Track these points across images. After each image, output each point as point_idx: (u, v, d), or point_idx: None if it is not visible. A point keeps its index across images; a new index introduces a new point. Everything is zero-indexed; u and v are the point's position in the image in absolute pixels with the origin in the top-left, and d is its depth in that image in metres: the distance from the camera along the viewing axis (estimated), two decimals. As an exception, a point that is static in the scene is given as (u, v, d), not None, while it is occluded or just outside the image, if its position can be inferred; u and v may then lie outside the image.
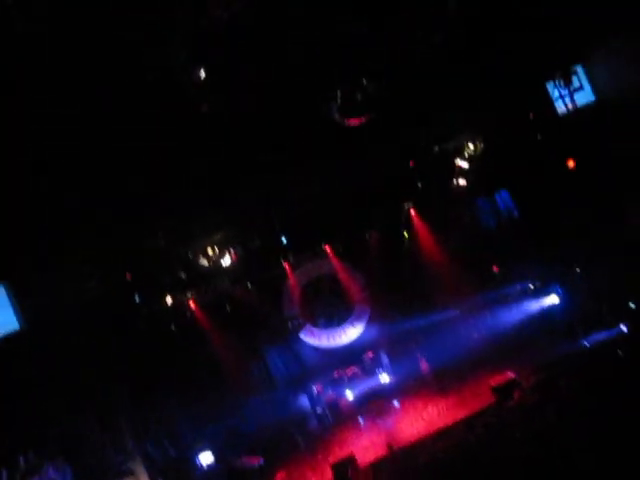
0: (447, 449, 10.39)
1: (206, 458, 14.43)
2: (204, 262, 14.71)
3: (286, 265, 17.64)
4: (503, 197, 17.88)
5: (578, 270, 15.59)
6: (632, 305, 13.38)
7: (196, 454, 14.48)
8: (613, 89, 13.97)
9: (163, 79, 9.90)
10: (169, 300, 15.21)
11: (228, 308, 16.89)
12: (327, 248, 17.82)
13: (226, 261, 14.94)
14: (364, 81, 12.12)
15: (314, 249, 17.69)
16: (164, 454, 14.43)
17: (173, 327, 15.89)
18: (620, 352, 11.85)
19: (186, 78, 10.14)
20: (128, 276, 13.64)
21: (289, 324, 17.59)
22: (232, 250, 15.13)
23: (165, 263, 14.57)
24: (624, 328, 13.11)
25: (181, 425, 15.35)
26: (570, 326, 14.73)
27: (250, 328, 17.06)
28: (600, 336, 13.57)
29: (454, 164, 16.27)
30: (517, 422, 10.29)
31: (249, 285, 17.16)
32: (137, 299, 14.17)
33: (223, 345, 16.50)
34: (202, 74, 10.31)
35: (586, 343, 13.65)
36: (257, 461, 14.15)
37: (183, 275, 15.01)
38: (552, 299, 16.15)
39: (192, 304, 16.19)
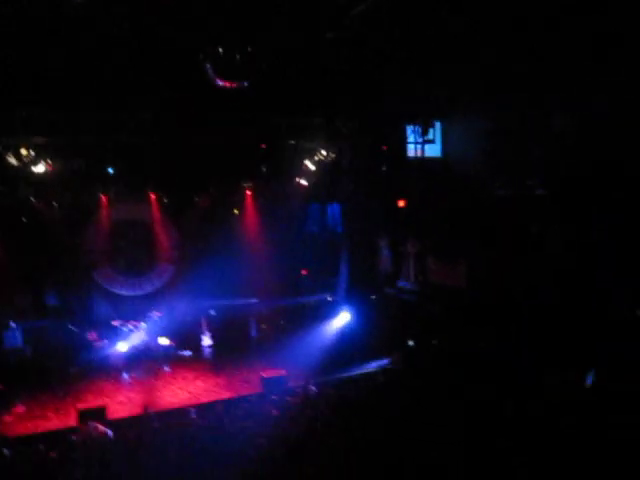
0: (199, 427, 10.29)
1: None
2: (13, 161, 13.10)
3: (103, 197, 16.53)
4: (334, 210, 18.70)
5: (374, 297, 16.83)
6: (410, 342, 14.74)
7: None
8: (455, 151, 15.43)
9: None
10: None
11: (24, 220, 15.30)
12: (151, 195, 17.07)
13: (39, 169, 13.47)
14: (250, 48, 11.82)
15: (138, 191, 16.80)
16: None
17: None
18: (381, 378, 13.00)
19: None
20: None
21: (85, 258, 16.44)
22: (50, 161, 13.71)
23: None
24: (393, 360, 14.34)
25: None
26: (350, 346, 15.90)
27: (42, 248, 15.62)
28: (372, 364, 14.77)
29: (302, 163, 16.66)
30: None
31: (55, 204, 15.75)
32: None
33: (5, 256, 14.90)
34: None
35: (359, 370, 14.62)
36: (-4, 387, 13.01)
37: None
38: (344, 316, 17.23)
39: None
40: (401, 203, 16.26)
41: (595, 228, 11.32)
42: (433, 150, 16.66)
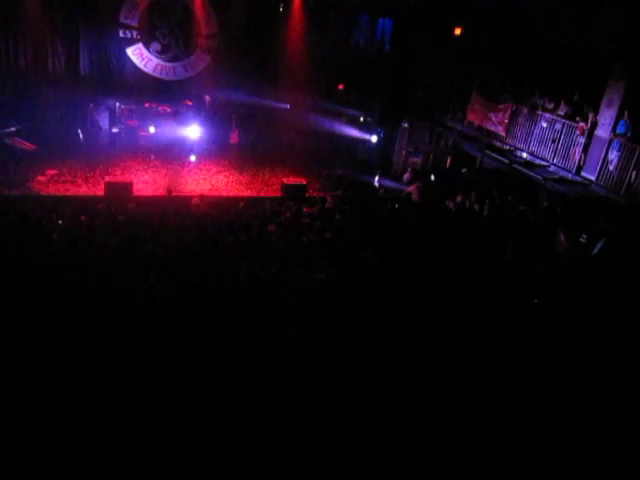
0: (215, 217, 10.67)
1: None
2: None
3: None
4: (386, 26, 17.46)
5: (406, 125, 16.45)
6: (432, 177, 14.75)
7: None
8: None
9: None
10: None
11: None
12: (195, -25, 15.92)
13: None
14: None
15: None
16: None
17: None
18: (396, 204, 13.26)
19: None
20: None
21: (121, 32, 15.86)
22: None
23: None
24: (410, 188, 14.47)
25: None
26: (369, 165, 16.07)
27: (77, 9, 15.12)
28: (389, 183, 15.11)
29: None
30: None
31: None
32: None
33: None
34: None
35: (376, 182, 15.01)
36: (30, 147, 13.51)
37: None
38: (371, 138, 17.09)
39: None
40: (457, 30, 15.07)
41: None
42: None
